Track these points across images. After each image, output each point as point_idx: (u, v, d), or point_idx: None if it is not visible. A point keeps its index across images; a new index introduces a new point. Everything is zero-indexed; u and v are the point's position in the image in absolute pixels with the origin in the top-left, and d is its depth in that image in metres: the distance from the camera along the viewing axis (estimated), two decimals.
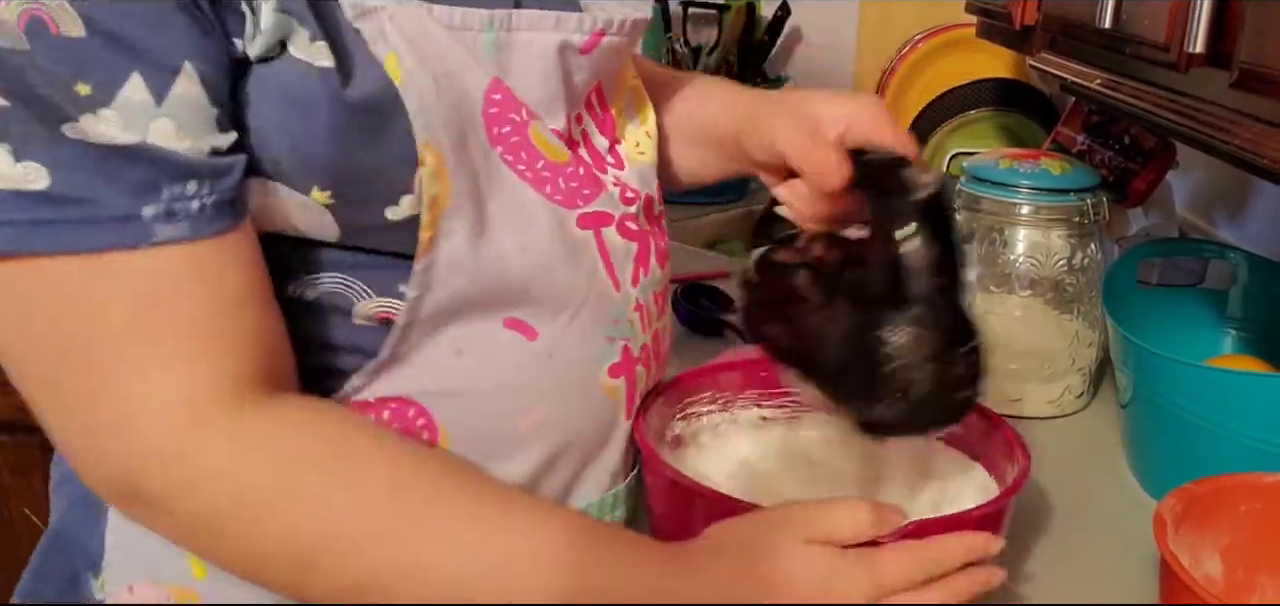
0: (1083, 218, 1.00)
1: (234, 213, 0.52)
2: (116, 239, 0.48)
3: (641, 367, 0.70)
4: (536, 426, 0.64)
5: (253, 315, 0.53)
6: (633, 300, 0.69)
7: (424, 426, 0.61)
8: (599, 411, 0.68)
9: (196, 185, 0.50)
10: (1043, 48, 1.04)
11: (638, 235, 0.70)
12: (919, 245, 0.58)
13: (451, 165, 0.57)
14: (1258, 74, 0.63)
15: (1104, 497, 0.85)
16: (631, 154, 0.74)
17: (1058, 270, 1.01)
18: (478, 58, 0.60)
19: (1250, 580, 0.71)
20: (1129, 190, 1.20)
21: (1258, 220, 1.20)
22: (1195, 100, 0.73)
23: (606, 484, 0.70)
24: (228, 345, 0.52)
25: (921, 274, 0.58)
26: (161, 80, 0.48)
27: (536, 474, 0.65)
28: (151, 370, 0.50)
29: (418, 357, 0.60)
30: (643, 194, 0.71)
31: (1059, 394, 1.02)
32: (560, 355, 0.64)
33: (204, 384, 0.51)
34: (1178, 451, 0.84)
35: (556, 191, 0.64)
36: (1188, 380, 0.83)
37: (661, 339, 0.74)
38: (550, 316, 0.63)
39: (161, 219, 0.49)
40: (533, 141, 0.63)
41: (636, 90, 0.77)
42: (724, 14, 1.83)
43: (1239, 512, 0.70)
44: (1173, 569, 0.61)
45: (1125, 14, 0.78)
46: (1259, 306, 1.00)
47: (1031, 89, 1.58)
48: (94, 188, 0.47)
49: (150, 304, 0.49)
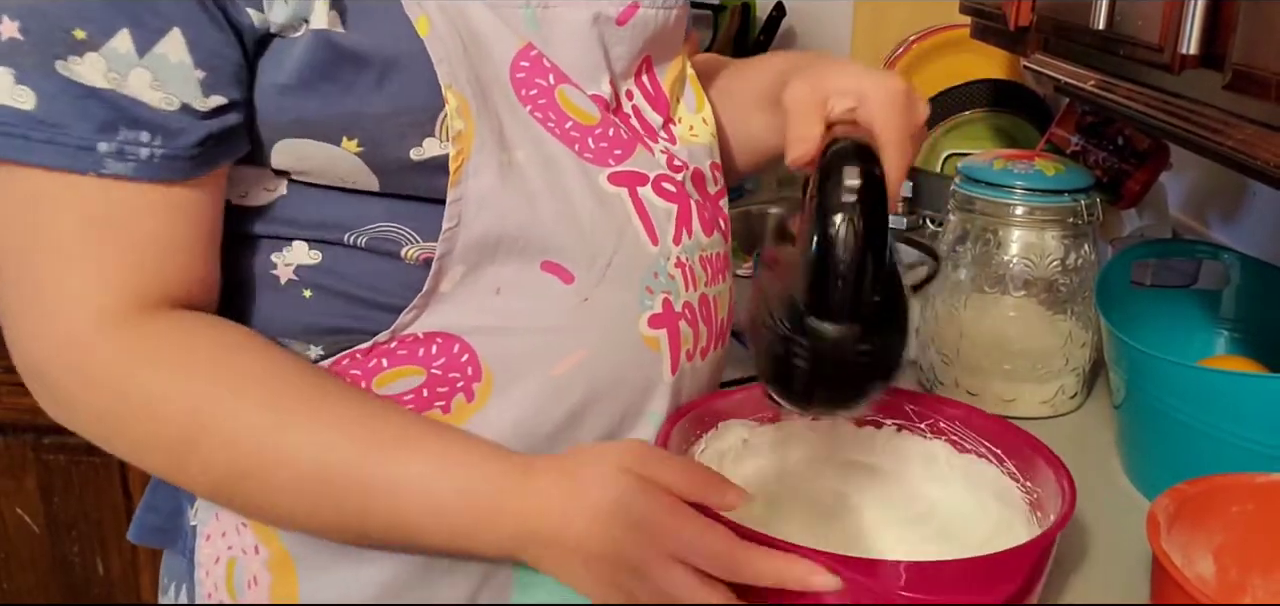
0: (1077, 218, 1.00)
1: (186, 169, 0.59)
2: (71, 162, 0.56)
3: (686, 325, 0.71)
4: (576, 368, 0.67)
5: (182, 258, 0.61)
6: (673, 256, 0.71)
7: (468, 361, 0.65)
8: (640, 360, 0.69)
9: (149, 135, 0.57)
10: (1037, 48, 1.04)
11: (677, 197, 0.72)
12: (833, 239, 0.57)
13: (475, 109, 0.63)
14: (1251, 75, 0.63)
15: (1097, 497, 0.86)
16: (685, 135, 0.77)
17: (1052, 271, 1.01)
18: (514, 28, 0.66)
19: (1243, 580, 0.71)
20: (1123, 191, 1.20)
21: (1251, 221, 1.21)
22: (1189, 101, 0.73)
23: (652, 435, 0.71)
24: (145, 273, 0.59)
25: (828, 269, 0.57)
26: (147, 38, 0.56)
27: (576, 414, 0.67)
28: (72, 279, 0.58)
29: (460, 294, 0.65)
30: (691, 166, 0.75)
31: (1053, 394, 1.02)
32: (597, 300, 0.67)
33: (113, 299, 0.59)
34: (1171, 452, 0.84)
35: (585, 150, 0.68)
36: (1181, 381, 0.83)
37: (714, 307, 0.75)
38: (585, 263, 0.67)
39: (113, 156, 0.57)
40: (560, 103, 0.68)
41: (695, 81, 0.81)
42: (719, 14, 1.83)
43: (1232, 513, 0.70)
44: (1166, 568, 0.61)
45: (1119, 15, 0.78)
46: (1252, 307, 1.00)
47: (1026, 90, 1.58)
48: (67, 117, 0.56)
49: (93, 223, 0.58)
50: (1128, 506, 0.87)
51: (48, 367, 0.60)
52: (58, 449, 1.52)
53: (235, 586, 0.69)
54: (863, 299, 0.58)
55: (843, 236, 0.57)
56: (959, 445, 0.77)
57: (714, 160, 0.79)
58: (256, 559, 0.68)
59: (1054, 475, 0.69)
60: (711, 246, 0.75)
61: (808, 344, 0.59)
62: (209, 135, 0.59)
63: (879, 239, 0.58)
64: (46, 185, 0.57)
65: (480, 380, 0.66)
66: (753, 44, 1.81)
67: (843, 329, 0.58)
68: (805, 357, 0.59)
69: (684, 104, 0.80)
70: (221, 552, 0.69)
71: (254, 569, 0.68)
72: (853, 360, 0.59)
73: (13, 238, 0.59)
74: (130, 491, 1.55)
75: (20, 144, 0.56)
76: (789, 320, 0.59)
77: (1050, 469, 0.69)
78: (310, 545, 0.67)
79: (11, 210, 0.58)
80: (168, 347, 0.60)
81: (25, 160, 0.56)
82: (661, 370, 0.70)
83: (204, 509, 0.70)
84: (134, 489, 1.55)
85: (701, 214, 0.74)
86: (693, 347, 0.72)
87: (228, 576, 0.69)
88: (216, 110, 0.59)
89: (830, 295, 0.57)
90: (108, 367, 0.59)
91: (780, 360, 0.60)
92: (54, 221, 0.58)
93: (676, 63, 0.79)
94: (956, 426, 0.77)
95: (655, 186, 0.71)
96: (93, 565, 1.59)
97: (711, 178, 0.78)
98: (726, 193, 0.81)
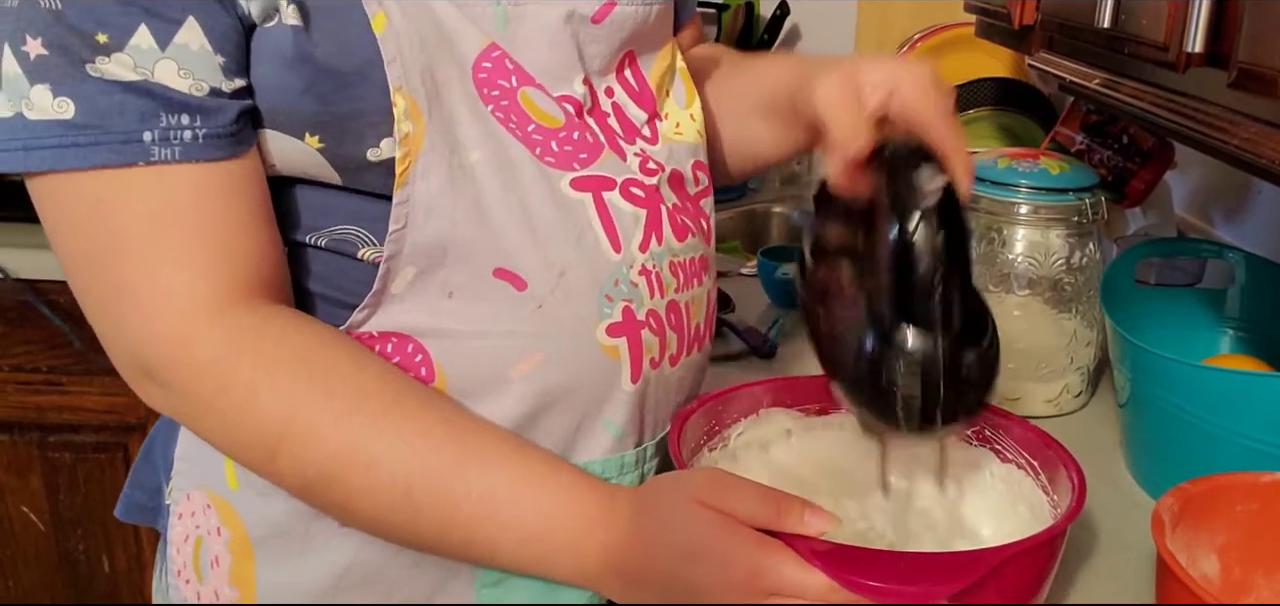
0: (1081, 217, 1.00)
1: (230, 146, 0.60)
2: (121, 157, 0.58)
3: (650, 334, 0.70)
4: (531, 373, 0.66)
5: (248, 235, 0.62)
6: (637, 264, 0.70)
7: (422, 362, 0.66)
8: (597, 367, 0.68)
9: (190, 118, 0.59)
10: (1041, 47, 1.04)
11: (647, 202, 0.71)
12: (920, 247, 0.56)
13: (427, 112, 0.63)
14: (1256, 74, 0.63)
15: (1102, 496, 0.86)
16: (668, 132, 0.76)
17: (1056, 269, 1.01)
18: (480, 26, 0.66)
19: (1247, 579, 0.71)
20: (1127, 190, 1.20)
21: (1256, 220, 1.20)
22: (1193, 100, 0.73)
23: (609, 444, 0.70)
24: (225, 256, 0.60)
25: (922, 276, 0.56)
26: (166, 30, 0.58)
27: (529, 415, 0.67)
28: (161, 270, 0.59)
29: (412, 295, 0.65)
30: (669, 168, 0.73)
31: (1057, 393, 1.02)
32: (551, 308, 0.66)
33: (203, 284, 0.60)
34: (1175, 451, 0.84)
35: (547, 153, 0.67)
36: (1185, 380, 0.83)
37: (687, 312, 0.74)
38: (540, 269, 0.66)
39: (158, 143, 0.58)
40: (522, 105, 0.67)
41: (686, 76, 0.79)
42: (723, 13, 1.83)
43: (1236, 512, 0.70)
44: (1170, 567, 0.61)
45: (1124, 14, 0.78)
46: (1257, 306, 1.00)
47: (1030, 88, 1.58)
48: (108, 116, 0.57)
49: (160, 217, 0.59)
50: (1132, 505, 0.87)
51: (155, 361, 0.61)
52: (62, 447, 1.52)
53: (201, 565, 0.71)
54: (959, 305, 0.56)
55: (928, 239, 0.55)
56: (1001, 455, 0.76)
57: (698, 159, 0.78)
58: (218, 540, 0.69)
59: (1064, 470, 0.69)
60: (686, 251, 0.73)
61: (913, 362, 0.56)
62: (241, 113, 0.61)
63: (965, 238, 0.57)
64: (105, 188, 0.58)
65: (434, 381, 0.66)
66: (756, 42, 1.81)
67: (945, 341, 0.56)
68: (912, 376, 0.56)
69: (672, 98, 0.78)
70: (191, 531, 0.71)
71: (216, 549, 0.70)
72: (960, 371, 0.57)
73: (90, 245, 0.60)
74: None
75: (72, 152, 0.57)
76: (879, 338, 0.56)
77: (1062, 464, 0.70)
78: (272, 530, 0.68)
79: (81, 220, 0.59)
80: (267, 342, 0.61)
81: (79, 166, 0.57)
82: (620, 379, 0.69)
83: (177, 488, 0.71)
84: None
85: (674, 219, 0.73)
86: (659, 355, 0.71)
87: (195, 555, 0.71)
88: (238, 92, 0.61)
89: (926, 304, 0.55)
90: (214, 357, 0.60)
91: (880, 385, 0.58)
92: (124, 222, 0.59)
93: (665, 54, 0.77)
94: (1000, 436, 0.76)
95: (623, 191, 0.70)
96: (98, 562, 1.60)
97: (692, 178, 0.77)
98: (711, 192, 0.79)
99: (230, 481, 0.69)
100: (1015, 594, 0.61)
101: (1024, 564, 0.61)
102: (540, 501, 0.61)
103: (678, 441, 0.69)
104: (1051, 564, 0.64)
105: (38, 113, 0.57)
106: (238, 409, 0.60)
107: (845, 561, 0.57)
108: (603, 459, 0.70)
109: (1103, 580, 0.77)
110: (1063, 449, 0.71)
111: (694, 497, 0.59)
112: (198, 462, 0.70)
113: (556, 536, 0.61)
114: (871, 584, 0.57)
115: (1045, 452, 0.72)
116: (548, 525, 0.61)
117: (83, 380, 1.49)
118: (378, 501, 0.61)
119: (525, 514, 0.61)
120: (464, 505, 0.61)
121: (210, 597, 0.71)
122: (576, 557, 0.61)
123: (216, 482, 0.70)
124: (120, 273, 0.60)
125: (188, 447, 0.71)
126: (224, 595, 0.70)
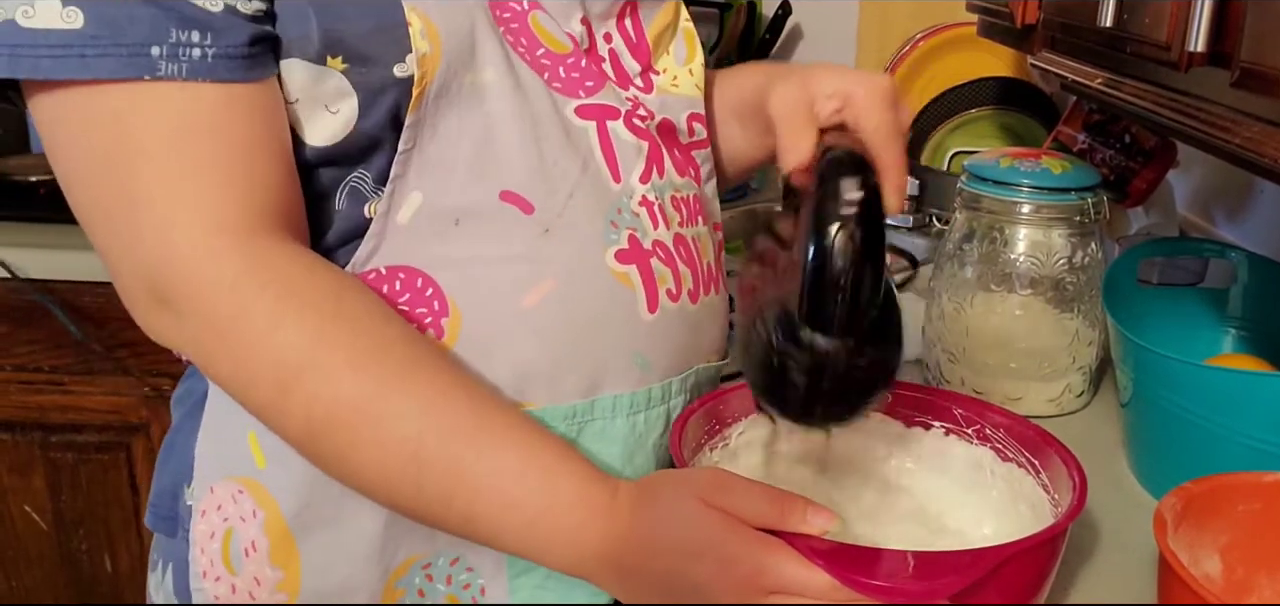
0: (1083, 216, 1.00)
1: (242, 69, 0.59)
2: (127, 69, 0.56)
3: (660, 264, 0.71)
4: (547, 299, 0.66)
5: (272, 165, 0.61)
6: (637, 194, 0.70)
7: (434, 297, 0.65)
8: (613, 292, 0.69)
9: (200, 35, 0.57)
10: (1043, 46, 1.04)
11: (648, 135, 0.72)
12: (832, 252, 0.56)
13: (442, 28, 0.63)
14: (1258, 73, 0.63)
15: (1104, 496, 0.85)
16: (664, 83, 0.77)
17: (1058, 269, 1.01)
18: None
19: (1249, 579, 0.71)
20: (1129, 189, 1.20)
21: (1258, 219, 1.20)
22: (1196, 99, 0.73)
23: (636, 377, 0.70)
24: (248, 181, 0.59)
25: (830, 280, 0.56)
26: None
27: (555, 355, 0.67)
28: (182, 186, 0.58)
29: (419, 223, 0.65)
30: (659, 116, 0.74)
31: (1059, 392, 1.02)
32: (557, 232, 0.67)
33: (227, 206, 0.58)
34: (1178, 450, 0.84)
35: (555, 78, 0.69)
36: (1188, 379, 0.83)
37: (696, 248, 0.74)
38: (545, 193, 0.67)
39: (166, 58, 0.57)
40: (532, 29, 0.68)
41: (689, 35, 0.80)
42: (725, 13, 1.83)
43: (1238, 512, 0.70)
44: (1172, 567, 0.61)
45: (1126, 13, 0.78)
46: (1259, 306, 1.00)
47: (1032, 88, 1.58)
48: (116, 27, 0.56)
49: (180, 134, 0.58)
50: (1134, 505, 0.86)
51: (171, 278, 0.58)
52: (65, 447, 1.52)
53: (232, 557, 0.69)
54: (862, 312, 0.57)
55: (842, 249, 0.56)
56: (1002, 453, 0.76)
57: (695, 111, 0.78)
58: (253, 523, 0.68)
59: (1066, 469, 0.69)
60: (686, 188, 0.74)
61: (806, 359, 0.57)
62: (257, 36, 0.59)
63: (877, 251, 0.57)
64: (121, 101, 0.57)
65: (448, 315, 0.65)
66: (759, 42, 1.81)
67: (841, 343, 0.57)
68: (803, 372, 0.58)
69: (672, 55, 0.79)
70: (217, 526, 0.69)
71: (251, 534, 0.68)
72: (851, 374, 0.58)
73: (103, 156, 0.58)
74: (138, 488, 1.56)
75: (77, 62, 0.56)
76: (784, 333, 0.58)
77: (1063, 463, 0.70)
78: (304, 502, 0.67)
79: (95, 132, 0.58)
80: (295, 275, 0.59)
81: (84, 76, 0.56)
82: (637, 308, 0.69)
83: (200, 484, 0.70)
84: (142, 486, 1.55)
85: (678, 159, 0.74)
86: (676, 288, 0.71)
87: (224, 548, 0.69)
88: (256, 16, 0.60)
89: (829, 309, 0.56)
90: (237, 277, 0.58)
91: (774, 373, 0.59)
92: (141, 136, 0.57)
93: (667, 11, 0.78)
94: (1001, 434, 0.76)
95: (627, 121, 0.71)
96: (101, 562, 1.60)
97: (685, 128, 0.77)
98: (707, 145, 0.80)
99: (257, 460, 0.68)
100: (1016, 593, 0.61)
101: (1025, 563, 0.61)
102: (547, 486, 0.60)
103: (679, 441, 0.69)
104: (1052, 563, 0.64)
105: (41, 21, 0.55)
106: (258, 335, 0.58)
107: (847, 560, 0.57)
108: (630, 392, 0.70)
109: (1104, 579, 0.77)
110: (1064, 448, 0.71)
111: (696, 496, 0.58)
112: (221, 451, 0.69)
113: (558, 522, 0.60)
114: (873, 583, 0.56)
115: (1046, 452, 0.72)
116: (550, 510, 0.60)
117: (86, 380, 1.49)
118: (384, 457, 0.59)
119: (530, 496, 0.60)
120: (469, 477, 0.59)
121: (248, 586, 0.69)
122: (574, 548, 0.60)
123: (244, 465, 0.68)
124: (135, 184, 0.58)
125: (209, 437, 0.70)
126: (265, 579, 0.69)
